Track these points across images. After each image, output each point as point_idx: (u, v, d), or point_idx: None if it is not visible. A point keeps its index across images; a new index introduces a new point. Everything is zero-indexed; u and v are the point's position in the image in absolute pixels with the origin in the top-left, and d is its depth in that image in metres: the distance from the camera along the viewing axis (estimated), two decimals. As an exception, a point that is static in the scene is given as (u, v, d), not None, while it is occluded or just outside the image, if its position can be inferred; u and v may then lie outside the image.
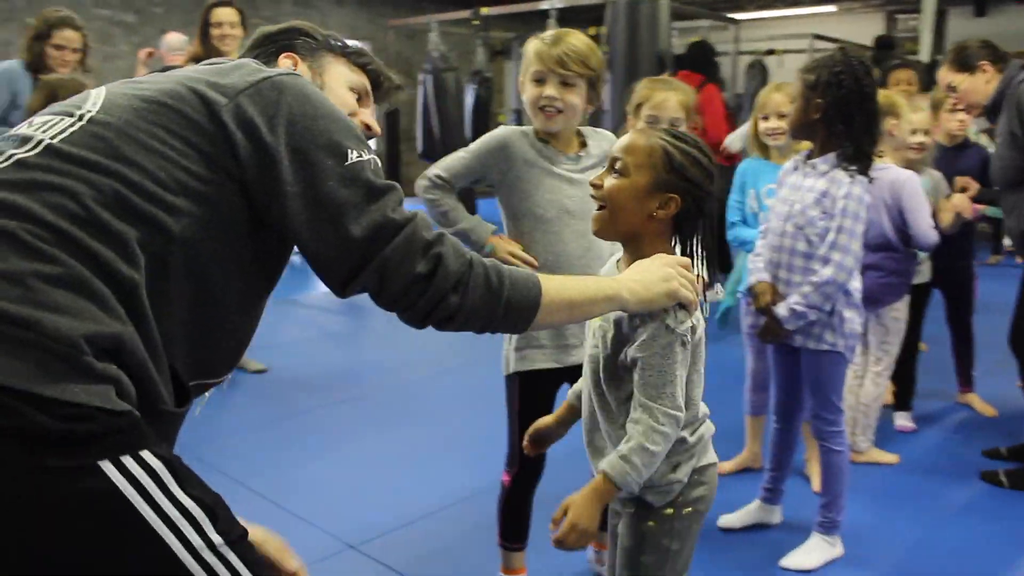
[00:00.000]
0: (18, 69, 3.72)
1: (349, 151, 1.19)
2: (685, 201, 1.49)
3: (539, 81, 2.03)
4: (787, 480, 2.72)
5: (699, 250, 1.54)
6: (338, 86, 1.44)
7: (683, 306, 1.44)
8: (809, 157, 2.44)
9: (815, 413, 2.48)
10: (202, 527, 1.06)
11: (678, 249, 1.54)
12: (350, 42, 1.53)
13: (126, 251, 1.06)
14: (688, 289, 1.43)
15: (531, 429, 1.73)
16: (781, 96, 2.87)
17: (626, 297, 1.39)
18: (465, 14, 8.79)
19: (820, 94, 2.33)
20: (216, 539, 1.08)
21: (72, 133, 1.12)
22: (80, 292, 1.01)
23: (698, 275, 1.50)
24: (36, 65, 3.71)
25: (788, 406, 2.64)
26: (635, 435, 1.43)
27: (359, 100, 1.47)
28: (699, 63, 5.51)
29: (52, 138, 1.11)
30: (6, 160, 1.08)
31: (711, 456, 1.60)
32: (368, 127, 1.46)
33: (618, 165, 1.50)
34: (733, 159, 4.39)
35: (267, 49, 1.45)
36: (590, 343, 1.57)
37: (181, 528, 1.04)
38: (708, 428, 1.62)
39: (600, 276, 1.58)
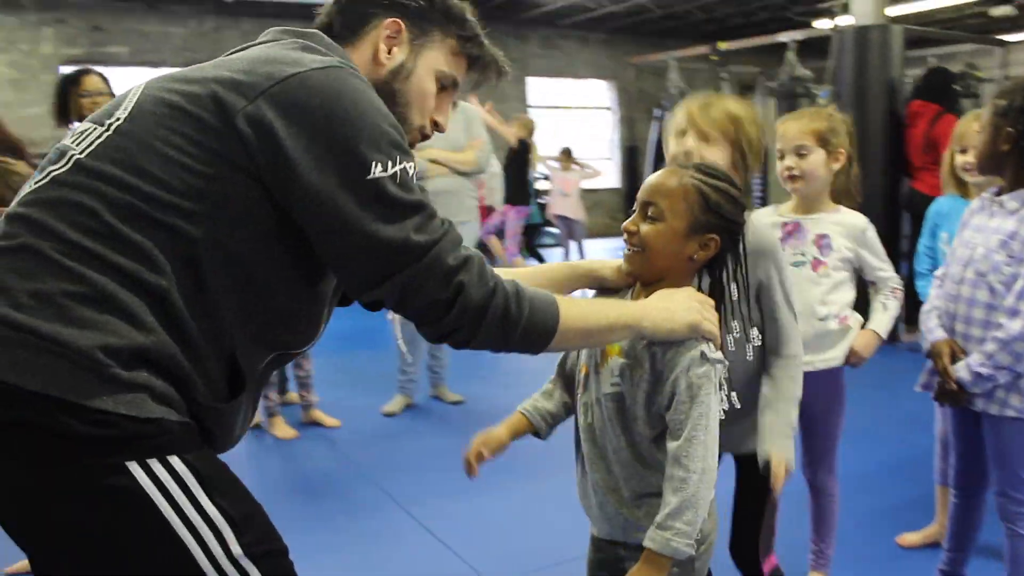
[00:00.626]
0: None
1: (373, 164, 1.14)
2: (723, 239, 1.46)
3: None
4: (969, 563, 2.37)
5: (729, 286, 1.50)
6: (426, 75, 1.37)
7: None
8: (998, 194, 2.14)
9: (999, 489, 2.14)
10: (223, 536, 1.10)
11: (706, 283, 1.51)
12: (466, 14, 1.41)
13: (150, 261, 1.10)
14: (712, 323, 1.41)
15: (484, 441, 1.62)
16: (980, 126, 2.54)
17: (646, 326, 1.37)
18: (704, 50, 8.69)
19: (1011, 122, 2.04)
20: (236, 550, 1.11)
21: (98, 145, 1.16)
22: (105, 307, 1.08)
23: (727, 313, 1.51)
24: None
25: (969, 478, 2.31)
26: (669, 494, 1.35)
27: (444, 89, 1.41)
28: (935, 92, 5.03)
29: (82, 152, 1.15)
30: (44, 178, 1.16)
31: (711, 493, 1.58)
32: (436, 124, 1.42)
33: (651, 211, 1.44)
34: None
35: (364, 6, 1.36)
36: (606, 380, 1.49)
37: (202, 534, 1.09)
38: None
39: (621, 301, 1.51)
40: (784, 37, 7.08)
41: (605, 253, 9.22)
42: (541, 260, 8.59)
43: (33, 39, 9.55)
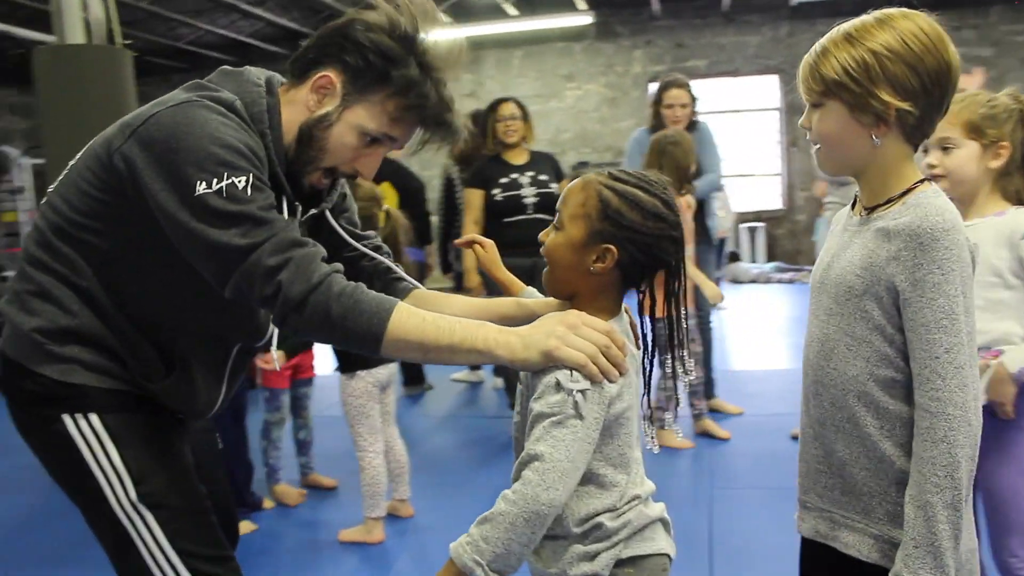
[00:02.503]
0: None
1: (197, 183, 1.33)
2: (625, 251, 1.31)
3: None
4: None
5: (670, 305, 1.36)
6: (347, 129, 1.48)
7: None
8: None
9: None
10: (124, 483, 1.48)
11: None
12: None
13: (74, 265, 1.48)
14: (574, 351, 1.25)
15: None
16: None
17: (500, 353, 1.30)
18: None
19: None
20: (132, 496, 1.48)
21: (59, 181, 1.52)
22: (45, 299, 1.49)
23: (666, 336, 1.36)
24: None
25: None
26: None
27: (374, 143, 1.51)
28: None
29: (51, 187, 1.54)
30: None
31: (653, 545, 1.38)
32: (357, 173, 1.54)
33: (556, 219, 1.37)
34: None
35: (314, 54, 1.49)
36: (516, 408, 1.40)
37: (108, 477, 1.48)
38: (645, 513, 1.37)
39: (486, 324, 1.36)
40: None
41: None
42: None
43: (626, 61, 10.79)
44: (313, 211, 1.61)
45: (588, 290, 1.36)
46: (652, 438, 1.44)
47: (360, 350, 1.37)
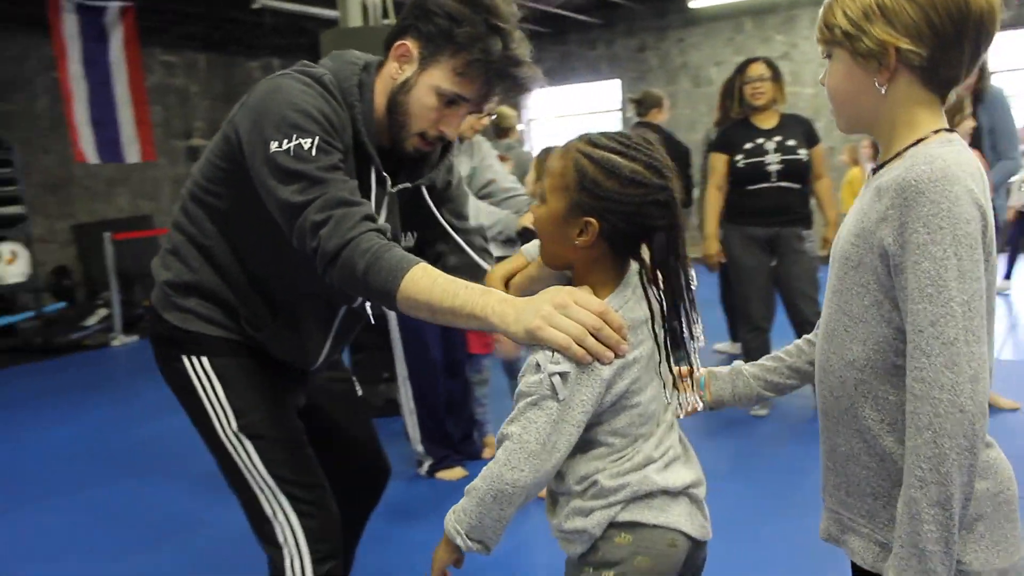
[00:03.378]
0: None
1: (271, 142, 1.48)
2: (607, 222, 1.25)
3: None
4: None
5: (666, 273, 1.28)
6: (425, 91, 1.59)
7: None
8: None
9: None
10: (228, 416, 1.72)
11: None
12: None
13: (201, 227, 1.72)
14: (559, 331, 1.21)
15: None
16: None
17: (494, 321, 1.30)
18: None
19: None
20: (234, 426, 1.71)
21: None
22: (176, 256, 1.76)
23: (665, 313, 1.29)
24: None
25: None
26: None
27: (450, 104, 1.60)
28: None
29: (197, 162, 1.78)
30: None
31: (661, 517, 1.31)
32: (443, 134, 1.63)
33: (540, 190, 1.34)
34: None
35: (397, 28, 1.64)
36: None
37: (216, 411, 1.73)
38: (652, 479, 1.31)
39: (487, 289, 1.35)
40: None
41: None
42: None
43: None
44: (406, 185, 1.73)
45: (581, 264, 1.33)
46: (680, 405, 1.41)
47: (378, 301, 1.45)
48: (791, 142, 4.15)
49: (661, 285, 1.31)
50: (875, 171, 1.21)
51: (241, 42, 10.71)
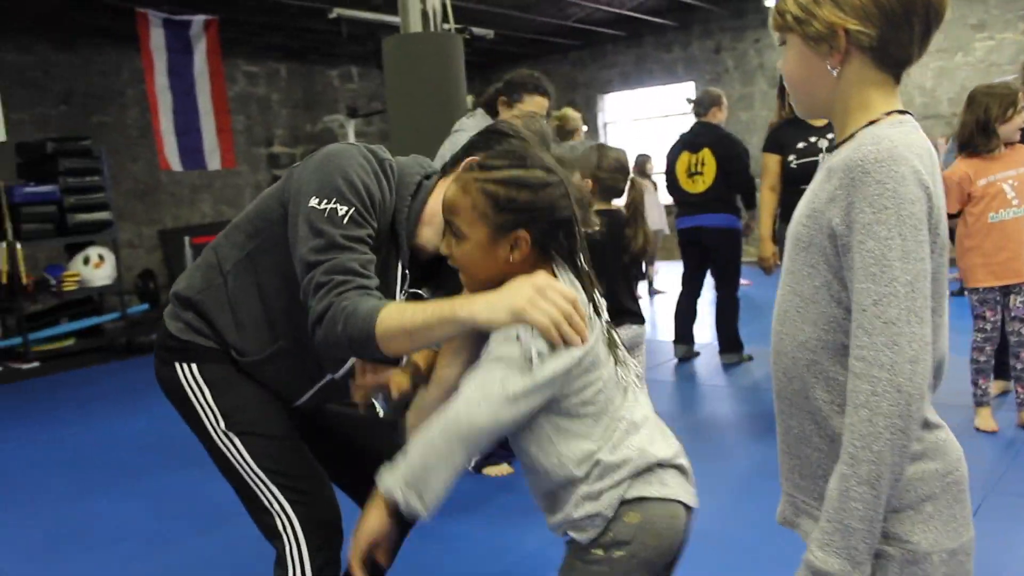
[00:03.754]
0: None
1: (313, 198, 1.58)
2: (535, 229, 1.34)
3: None
4: None
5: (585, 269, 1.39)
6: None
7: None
8: None
9: None
10: (216, 416, 1.80)
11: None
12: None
13: (232, 253, 1.82)
14: (544, 313, 1.26)
15: None
16: None
17: (463, 317, 1.34)
18: None
19: None
20: (222, 425, 1.80)
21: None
22: (198, 271, 1.86)
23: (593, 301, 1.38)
24: None
25: None
26: None
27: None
28: None
29: None
30: None
31: (663, 490, 1.36)
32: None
33: (454, 229, 1.38)
34: None
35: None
36: None
37: (206, 412, 1.81)
38: (649, 452, 1.36)
39: (451, 299, 1.41)
40: None
41: None
42: None
43: (1055, 1, 9.19)
44: (420, 292, 1.84)
45: (516, 275, 1.36)
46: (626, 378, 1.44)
47: (363, 352, 1.52)
48: None
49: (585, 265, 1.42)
50: (829, 151, 1.21)
51: (320, 51, 11.01)
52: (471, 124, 3.62)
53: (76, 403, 5.83)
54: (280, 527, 1.77)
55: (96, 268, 7.48)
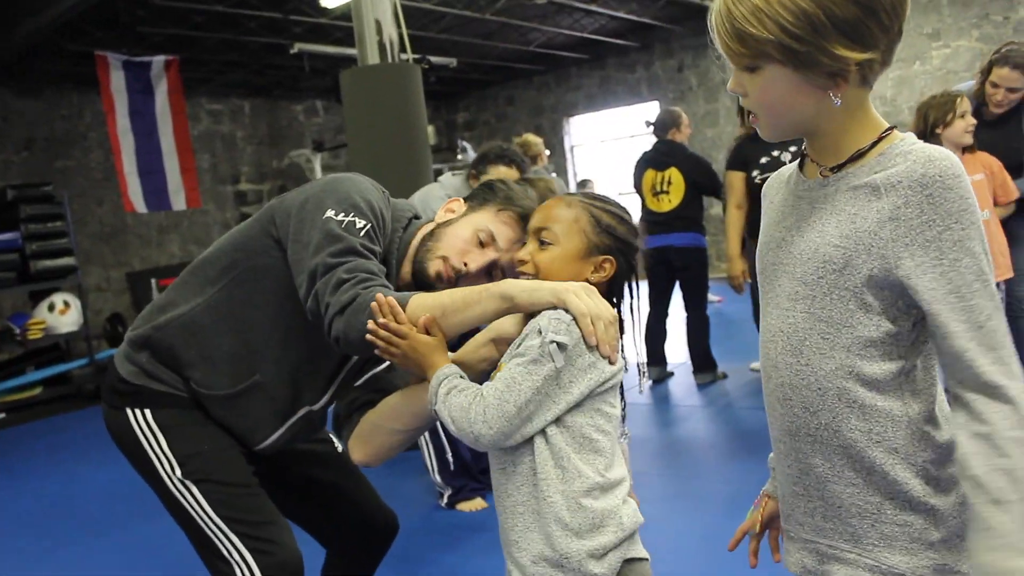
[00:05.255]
0: None
1: (329, 210, 1.60)
2: (619, 261, 1.44)
3: None
4: None
5: (632, 313, 1.48)
6: (463, 228, 1.70)
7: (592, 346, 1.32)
8: None
9: None
10: (172, 464, 1.73)
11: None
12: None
13: (203, 289, 1.77)
14: (584, 301, 1.31)
15: None
16: None
17: (513, 292, 1.37)
18: None
19: None
20: (178, 473, 1.73)
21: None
22: (157, 310, 1.81)
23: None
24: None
25: None
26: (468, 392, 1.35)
27: (481, 244, 1.68)
28: None
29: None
30: None
31: (641, 550, 1.37)
32: (465, 264, 1.66)
33: (544, 235, 1.44)
34: None
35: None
36: None
37: (161, 460, 1.74)
38: (619, 505, 1.35)
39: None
40: None
41: None
42: None
43: (1006, 6, 9.34)
44: None
45: None
46: (626, 433, 1.48)
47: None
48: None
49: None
50: (832, 171, 1.14)
51: (284, 86, 10.99)
52: (449, 182, 3.62)
53: (44, 453, 5.71)
54: (238, 572, 1.71)
55: (62, 314, 7.36)
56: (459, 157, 10.35)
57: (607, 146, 12.64)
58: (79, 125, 9.40)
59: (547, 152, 6.05)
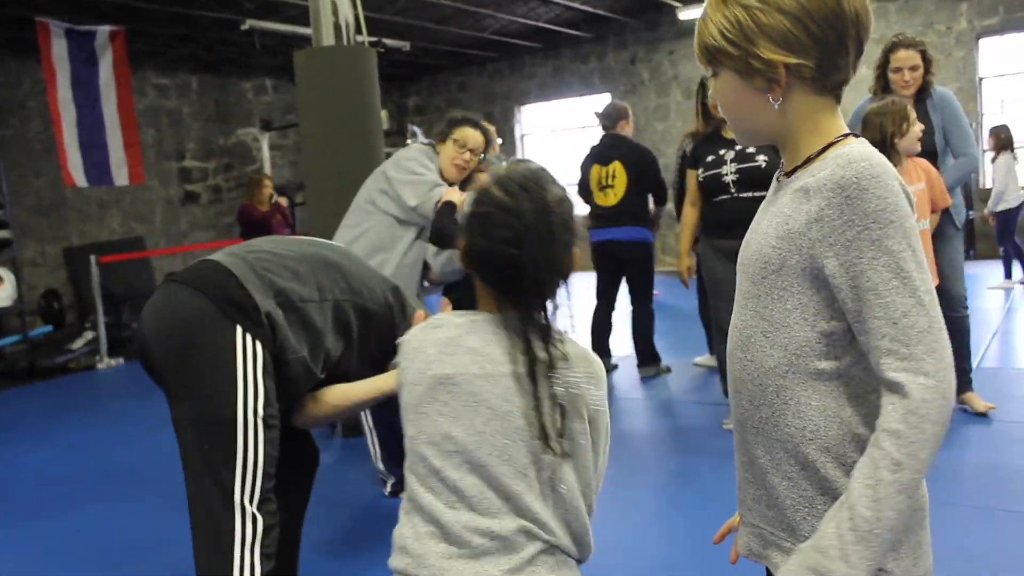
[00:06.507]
0: None
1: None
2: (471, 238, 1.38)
3: None
4: None
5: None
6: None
7: None
8: None
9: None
10: (259, 398, 1.71)
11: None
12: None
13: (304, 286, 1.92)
14: None
15: None
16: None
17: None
18: None
19: None
20: (261, 412, 1.72)
21: None
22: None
23: None
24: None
25: None
26: None
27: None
28: None
29: None
30: None
31: None
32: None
33: None
34: None
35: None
36: None
37: (248, 390, 1.70)
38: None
39: None
40: None
41: None
42: None
43: (949, 16, 9.59)
44: None
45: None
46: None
47: None
48: (751, 149, 4.02)
49: None
50: (786, 175, 1.19)
51: (234, 63, 10.78)
52: (416, 153, 3.60)
53: (-27, 433, 5.55)
54: (239, 526, 1.70)
55: (-5, 289, 7.16)
56: (408, 142, 10.28)
57: (558, 136, 12.66)
58: (17, 93, 9.11)
59: (499, 140, 6.05)
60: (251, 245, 1.95)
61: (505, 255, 1.33)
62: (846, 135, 1.14)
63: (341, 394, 1.80)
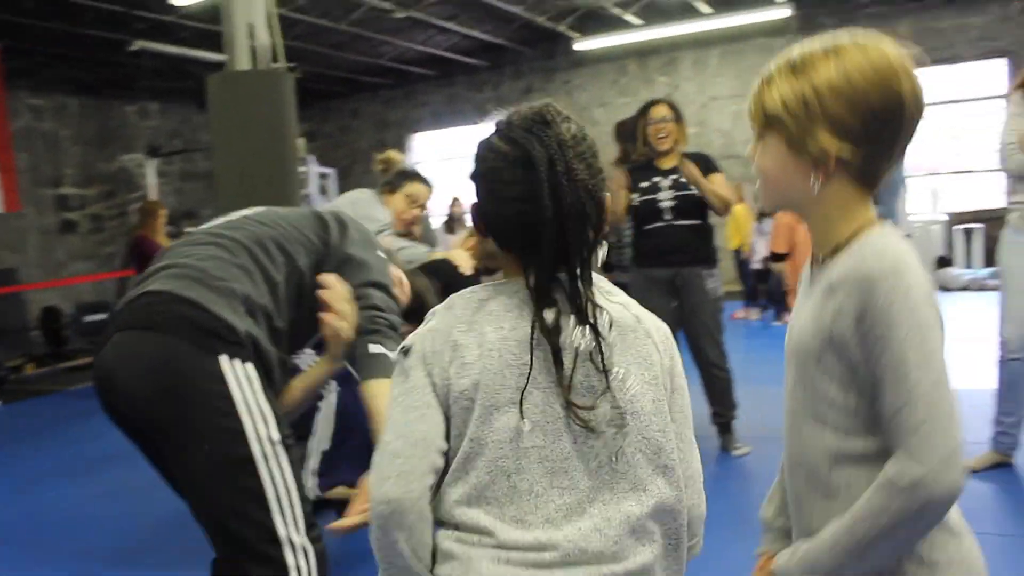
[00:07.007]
0: None
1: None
2: None
3: None
4: None
5: None
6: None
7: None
8: None
9: None
10: (268, 423, 1.61)
11: None
12: None
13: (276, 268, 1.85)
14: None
15: None
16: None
17: None
18: None
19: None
20: (275, 436, 1.61)
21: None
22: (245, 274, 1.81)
23: None
24: None
25: None
26: None
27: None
28: None
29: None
30: None
31: None
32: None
33: None
34: None
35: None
36: None
37: (255, 416, 1.60)
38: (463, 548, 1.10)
39: None
40: None
41: None
42: None
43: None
44: None
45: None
46: None
47: None
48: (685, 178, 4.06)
49: None
50: (819, 263, 1.20)
51: (117, 85, 10.28)
52: (369, 198, 3.51)
53: None
54: (292, 561, 1.59)
55: None
56: (301, 169, 10.02)
57: (450, 164, 12.63)
58: None
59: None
60: (182, 256, 1.75)
61: (521, 214, 1.11)
62: (871, 222, 1.15)
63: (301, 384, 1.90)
